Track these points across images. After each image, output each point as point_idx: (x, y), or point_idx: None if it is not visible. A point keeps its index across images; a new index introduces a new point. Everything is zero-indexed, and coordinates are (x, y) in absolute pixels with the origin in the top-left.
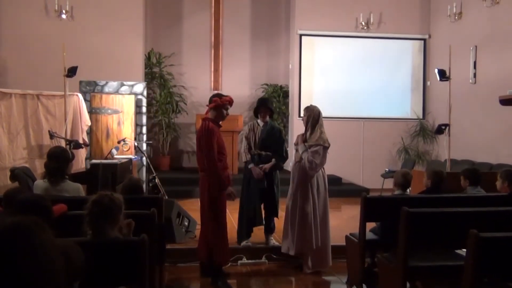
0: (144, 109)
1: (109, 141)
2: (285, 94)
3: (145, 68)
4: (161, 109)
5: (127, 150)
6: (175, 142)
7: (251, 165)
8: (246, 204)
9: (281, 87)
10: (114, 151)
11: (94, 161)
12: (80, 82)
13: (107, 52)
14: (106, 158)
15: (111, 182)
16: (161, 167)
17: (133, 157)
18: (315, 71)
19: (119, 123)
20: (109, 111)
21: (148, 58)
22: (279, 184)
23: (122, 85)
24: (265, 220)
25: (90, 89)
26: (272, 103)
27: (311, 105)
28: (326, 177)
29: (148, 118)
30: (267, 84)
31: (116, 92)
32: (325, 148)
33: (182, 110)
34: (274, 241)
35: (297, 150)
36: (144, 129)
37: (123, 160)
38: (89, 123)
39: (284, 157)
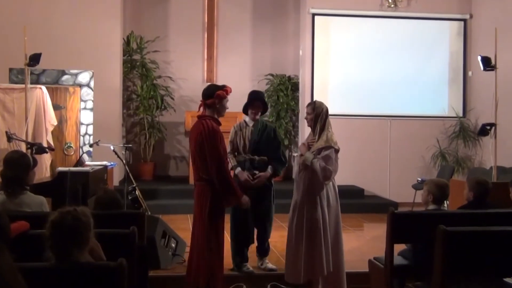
0: (90, 104)
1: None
2: (295, 86)
3: (123, 55)
4: (143, 105)
5: (72, 154)
6: (159, 145)
7: (238, 170)
8: (239, 220)
9: (289, 78)
10: (85, 156)
11: (61, 168)
12: (10, 69)
13: (76, 35)
14: (75, 165)
15: (81, 194)
16: (142, 176)
17: (109, 163)
18: (330, 58)
19: (60, 122)
20: None
21: (126, 43)
22: (274, 197)
23: (64, 74)
24: (258, 241)
25: (22, 79)
26: (279, 98)
27: (316, 101)
28: (336, 187)
29: (127, 116)
30: (272, 75)
31: (56, 82)
32: (337, 152)
33: (168, 106)
34: (270, 264)
35: (301, 155)
36: (91, 129)
37: (96, 168)
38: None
39: (283, 161)
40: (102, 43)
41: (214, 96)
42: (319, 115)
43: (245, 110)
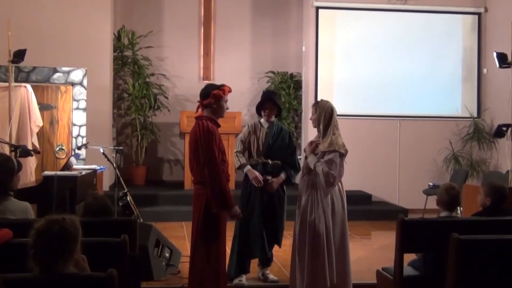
0: (83, 104)
1: (40, 146)
2: (297, 84)
3: (114, 52)
4: (135, 105)
5: (64, 157)
6: (152, 147)
7: (247, 168)
8: (245, 227)
9: (291, 75)
10: (73, 159)
11: (47, 172)
12: None
13: (65, 30)
14: (63, 169)
15: (69, 200)
16: (134, 180)
17: (98, 167)
18: (336, 55)
19: (51, 123)
20: (38, 106)
21: (117, 38)
22: (286, 203)
23: (55, 71)
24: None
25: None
26: (281, 96)
27: (321, 100)
28: (344, 193)
29: (118, 116)
30: (273, 72)
31: (47, 81)
32: (342, 155)
33: (162, 106)
34: (272, 275)
35: (306, 158)
36: (84, 130)
37: (85, 172)
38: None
39: (297, 168)
40: (92, 39)
41: (210, 95)
42: (322, 115)
43: (258, 111)
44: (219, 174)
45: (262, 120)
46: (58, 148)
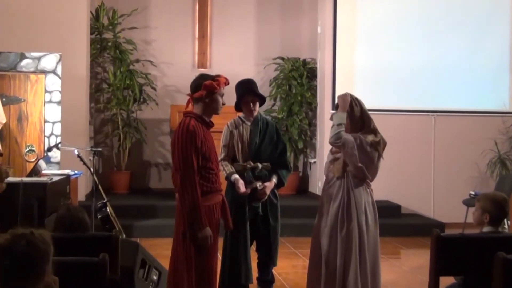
0: (57, 96)
1: (5, 148)
2: (311, 73)
3: (91, 33)
4: (116, 98)
5: (34, 161)
6: (137, 149)
7: (234, 177)
8: (230, 246)
9: (304, 62)
10: (42, 163)
11: (10, 179)
12: None
13: (32, 9)
14: (30, 174)
15: (37, 212)
16: (115, 188)
17: (72, 172)
18: (357, 38)
19: (20, 119)
20: (4, 99)
21: (95, 17)
22: (279, 213)
23: (23, 57)
24: (259, 269)
25: None
26: (290, 87)
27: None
28: (375, 203)
29: (96, 111)
30: (282, 58)
31: (13, 68)
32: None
33: (149, 98)
34: None
35: (332, 162)
36: (58, 128)
37: (57, 178)
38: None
39: (288, 168)
40: (65, 18)
41: (202, 87)
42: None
43: (237, 107)
44: (193, 185)
45: (241, 115)
46: (27, 150)
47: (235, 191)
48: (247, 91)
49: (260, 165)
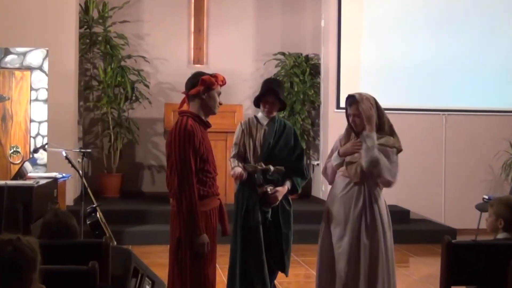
0: (44, 94)
1: None
2: (314, 69)
3: (80, 28)
4: (107, 96)
5: (19, 163)
6: (129, 150)
7: (234, 165)
8: (241, 253)
9: (307, 58)
10: (27, 165)
11: None
12: None
13: (15, 1)
14: (15, 177)
15: (22, 217)
16: (106, 192)
17: (60, 175)
18: (363, 32)
19: (4, 118)
20: None
21: (85, 10)
22: (292, 220)
23: (8, 53)
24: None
25: None
26: (292, 85)
27: (358, 94)
28: (388, 210)
29: (85, 110)
30: (283, 54)
31: None
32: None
33: (141, 96)
34: None
35: (351, 163)
36: (44, 128)
37: (43, 181)
38: None
39: (305, 176)
40: (53, 11)
41: (200, 82)
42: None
43: (256, 103)
44: (191, 188)
45: (260, 114)
46: (12, 151)
47: (246, 194)
48: (269, 90)
49: (272, 168)
